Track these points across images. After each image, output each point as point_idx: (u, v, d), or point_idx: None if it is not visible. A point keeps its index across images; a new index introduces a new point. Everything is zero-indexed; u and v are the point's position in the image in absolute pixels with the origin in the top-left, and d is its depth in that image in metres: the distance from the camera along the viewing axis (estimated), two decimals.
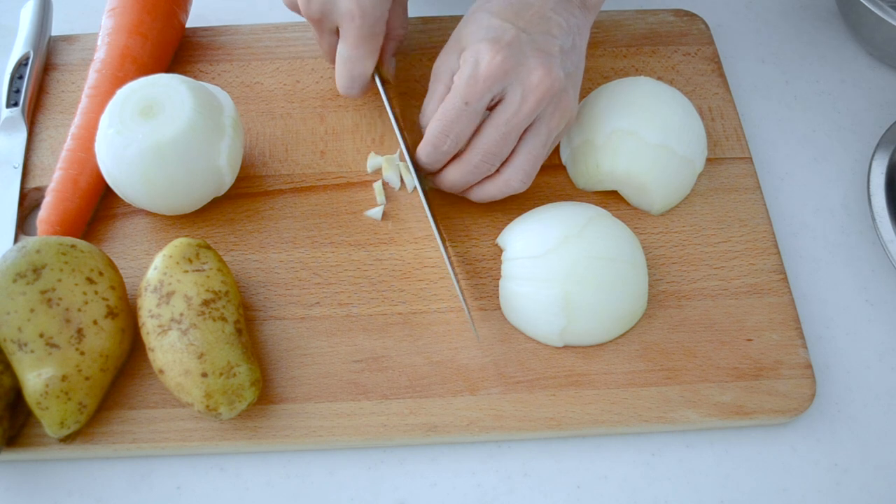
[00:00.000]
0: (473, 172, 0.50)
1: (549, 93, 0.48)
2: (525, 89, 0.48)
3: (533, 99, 0.48)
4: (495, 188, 0.52)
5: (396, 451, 0.48)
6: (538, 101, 0.48)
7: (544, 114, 0.49)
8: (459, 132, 0.49)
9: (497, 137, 0.49)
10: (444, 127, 0.49)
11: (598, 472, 0.48)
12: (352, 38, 0.51)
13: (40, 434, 0.47)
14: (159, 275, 0.47)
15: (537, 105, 0.48)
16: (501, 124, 0.49)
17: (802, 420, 0.50)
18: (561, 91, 0.49)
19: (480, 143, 0.49)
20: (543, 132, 0.50)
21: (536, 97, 0.48)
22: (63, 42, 0.62)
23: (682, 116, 0.54)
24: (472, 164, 0.50)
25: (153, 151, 0.49)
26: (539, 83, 0.48)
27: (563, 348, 0.50)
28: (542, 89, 0.48)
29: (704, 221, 0.55)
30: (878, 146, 0.57)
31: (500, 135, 0.49)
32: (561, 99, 0.49)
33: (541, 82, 0.48)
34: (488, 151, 0.49)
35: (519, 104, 0.48)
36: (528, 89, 0.48)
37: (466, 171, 0.50)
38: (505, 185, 0.51)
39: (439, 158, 0.51)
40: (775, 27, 0.67)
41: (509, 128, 0.49)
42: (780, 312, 0.52)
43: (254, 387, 0.46)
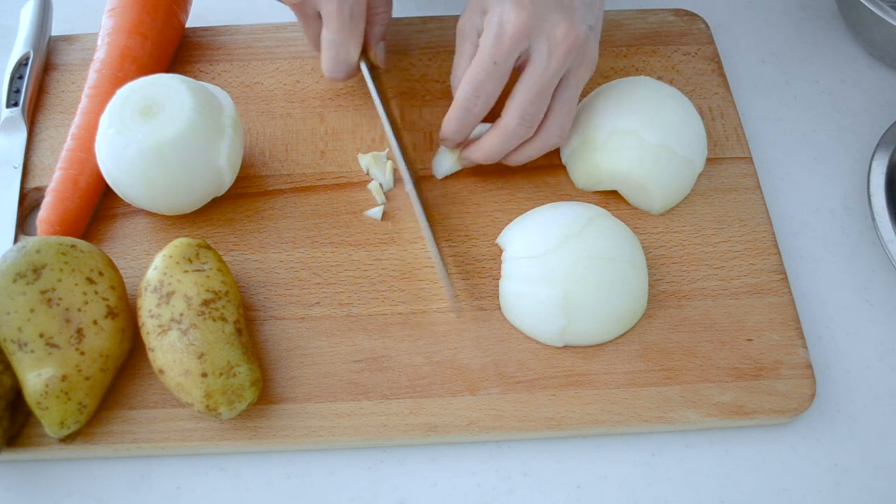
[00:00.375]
0: (512, 136, 0.50)
1: (574, 46, 0.48)
2: (551, 44, 0.48)
3: (561, 52, 0.48)
4: (534, 148, 0.52)
5: (396, 451, 0.48)
6: (566, 54, 0.48)
7: (572, 67, 0.50)
8: (490, 92, 0.49)
9: (531, 97, 0.49)
10: (474, 88, 0.49)
11: (598, 472, 0.48)
12: (333, 22, 0.52)
13: (40, 434, 0.47)
14: (159, 275, 0.47)
15: (565, 58, 0.48)
16: (534, 83, 0.49)
17: (802, 420, 0.50)
18: (584, 44, 0.49)
19: (515, 104, 0.49)
20: (573, 85, 0.50)
21: (564, 50, 0.48)
22: (63, 42, 0.62)
23: (682, 116, 0.54)
24: (510, 127, 0.50)
25: (153, 151, 0.49)
26: (565, 37, 0.48)
27: (563, 348, 0.50)
28: (569, 43, 0.48)
29: (704, 221, 0.55)
30: (878, 146, 0.57)
31: (534, 93, 0.49)
32: (585, 51, 0.50)
33: (566, 36, 0.48)
34: (525, 112, 0.49)
35: (547, 60, 0.48)
36: (555, 44, 0.48)
37: (505, 136, 0.50)
38: (543, 143, 0.52)
39: (470, 122, 0.51)
40: (775, 27, 0.67)
41: (542, 85, 0.49)
42: (780, 312, 0.52)
43: (254, 387, 0.46)
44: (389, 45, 0.62)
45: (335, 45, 0.53)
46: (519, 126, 0.50)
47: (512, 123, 0.50)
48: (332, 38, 0.53)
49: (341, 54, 0.53)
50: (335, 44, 0.53)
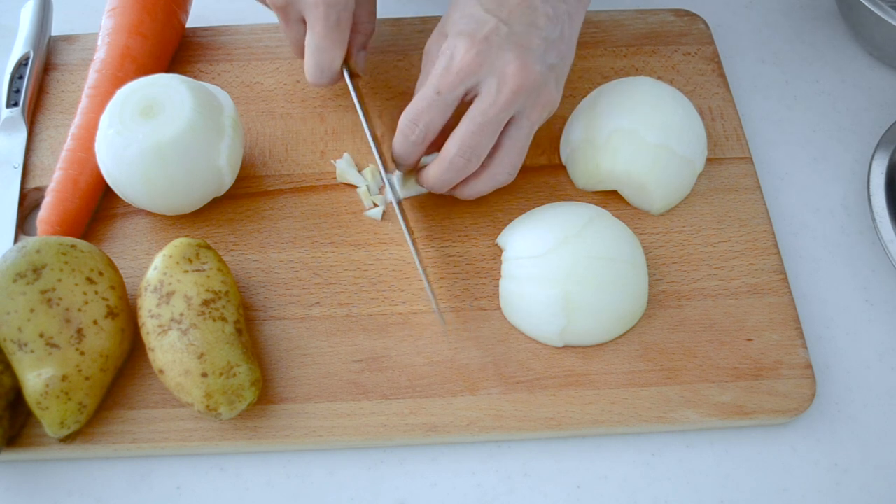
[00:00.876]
0: (450, 168, 0.49)
1: (524, 86, 0.47)
2: (500, 82, 0.47)
3: (508, 90, 0.47)
4: (481, 183, 0.51)
5: (396, 451, 0.48)
6: (514, 93, 0.47)
7: (524, 107, 0.49)
8: (429, 121, 0.49)
9: (472, 129, 0.48)
10: (413, 115, 0.49)
11: (598, 472, 0.48)
12: (319, 28, 0.51)
13: (40, 434, 0.47)
14: (159, 275, 0.47)
15: (513, 97, 0.47)
16: (477, 116, 0.48)
17: (802, 420, 0.50)
18: (540, 85, 0.48)
19: (456, 136, 0.49)
20: (525, 125, 0.50)
21: (512, 89, 0.47)
22: (63, 42, 0.62)
23: (682, 116, 0.54)
24: (449, 158, 0.49)
25: (153, 151, 0.49)
26: (514, 76, 0.47)
27: (563, 348, 0.50)
28: (517, 82, 0.47)
29: (704, 221, 0.55)
30: (878, 146, 0.57)
31: (476, 126, 0.48)
32: (541, 92, 0.49)
33: (515, 75, 0.47)
34: (464, 144, 0.48)
35: (494, 96, 0.47)
36: (503, 82, 0.47)
37: (443, 166, 0.50)
38: (491, 179, 0.51)
39: (410, 150, 0.50)
40: (775, 27, 0.67)
41: (485, 119, 0.48)
42: (780, 312, 0.52)
43: (254, 387, 0.46)
44: (389, 46, 0.62)
45: (320, 51, 0.52)
46: (457, 157, 0.49)
47: (451, 154, 0.49)
48: (318, 43, 0.52)
49: (325, 60, 0.52)
50: (320, 49, 0.52)
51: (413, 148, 0.50)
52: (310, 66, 0.53)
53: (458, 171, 0.50)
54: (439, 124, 0.49)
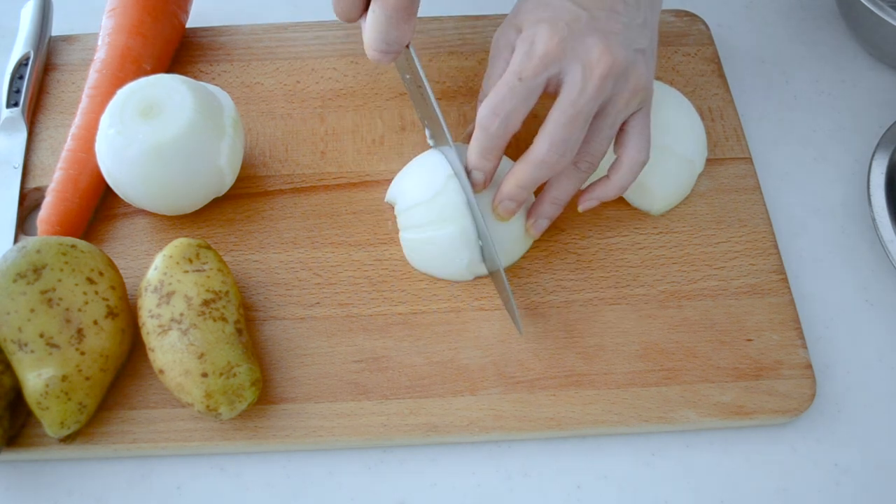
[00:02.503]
0: (542, 165, 0.46)
1: (611, 71, 0.45)
2: (585, 69, 0.45)
3: (596, 77, 0.45)
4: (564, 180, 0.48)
5: (396, 451, 0.48)
6: (602, 79, 0.45)
7: (614, 94, 0.46)
8: (510, 111, 0.45)
9: (564, 121, 0.45)
10: (494, 105, 0.45)
11: (598, 472, 0.48)
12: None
13: (40, 434, 0.47)
14: (159, 275, 0.47)
15: (601, 84, 0.45)
16: (567, 107, 0.45)
17: (802, 420, 0.50)
18: (627, 68, 0.46)
19: (545, 131, 0.46)
20: (612, 114, 0.47)
21: (599, 75, 0.45)
22: (63, 42, 0.62)
23: (682, 117, 0.54)
24: (539, 155, 0.46)
25: (153, 151, 0.49)
26: (599, 61, 0.45)
27: (563, 348, 0.50)
28: (604, 66, 0.45)
29: (704, 221, 0.55)
30: (878, 146, 0.57)
31: (567, 118, 0.45)
32: (629, 76, 0.46)
33: (601, 59, 0.45)
34: (554, 139, 0.45)
35: (581, 84, 0.45)
36: (589, 67, 0.45)
37: (534, 164, 0.46)
38: (574, 170, 0.48)
39: (489, 144, 0.46)
40: (775, 27, 0.67)
41: (576, 110, 0.45)
42: (780, 312, 0.52)
43: (254, 387, 0.46)
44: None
45: (390, 24, 0.45)
46: (549, 153, 0.46)
47: (542, 151, 0.46)
48: (389, 14, 0.45)
49: (393, 34, 0.46)
50: (390, 21, 0.45)
51: (493, 142, 0.46)
52: (375, 41, 0.46)
53: (549, 168, 0.46)
54: (522, 114, 0.46)
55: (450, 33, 0.63)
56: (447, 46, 0.63)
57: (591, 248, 0.54)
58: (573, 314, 0.51)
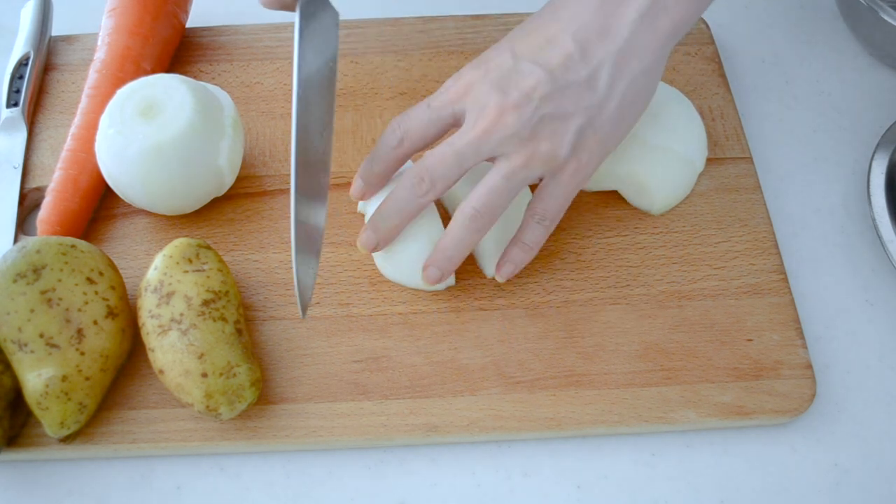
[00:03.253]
0: (407, 187, 0.47)
1: (494, 129, 0.45)
2: (477, 116, 0.46)
3: (479, 128, 0.45)
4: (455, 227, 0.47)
5: (396, 451, 0.48)
6: (484, 131, 0.45)
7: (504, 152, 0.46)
8: (409, 128, 0.48)
9: (439, 153, 0.46)
10: (398, 119, 0.48)
11: (598, 472, 0.48)
12: None
13: (40, 434, 0.47)
14: (159, 275, 0.47)
15: (483, 135, 0.45)
16: (448, 142, 0.47)
17: (802, 420, 0.50)
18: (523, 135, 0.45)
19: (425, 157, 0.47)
20: (503, 166, 0.46)
21: (483, 127, 0.45)
22: (63, 42, 0.62)
23: (683, 117, 0.54)
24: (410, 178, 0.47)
25: (153, 151, 0.49)
26: (487, 116, 0.45)
27: (563, 348, 0.50)
28: (487, 122, 0.45)
29: (704, 221, 0.55)
30: (878, 146, 0.57)
31: (441, 152, 0.46)
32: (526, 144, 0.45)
33: (488, 115, 0.45)
34: (424, 164, 0.47)
35: (468, 130, 0.46)
36: (480, 116, 0.46)
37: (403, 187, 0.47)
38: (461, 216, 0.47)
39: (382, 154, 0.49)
40: (775, 27, 0.67)
41: (453, 148, 0.46)
42: (780, 312, 0.52)
43: (254, 387, 0.46)
44: (389, 46, 0.62)
45: None
46: (415, 176, 0.47)
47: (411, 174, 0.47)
48: None
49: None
50: None
51: (386, 152, 0.49)
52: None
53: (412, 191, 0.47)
54: (418, 136, 0.48)
55: (450, 33, 0.63)
56: (447, 46, 0.63)
57: (591, 248, 0.54)
58: (573, 314, 0.51)
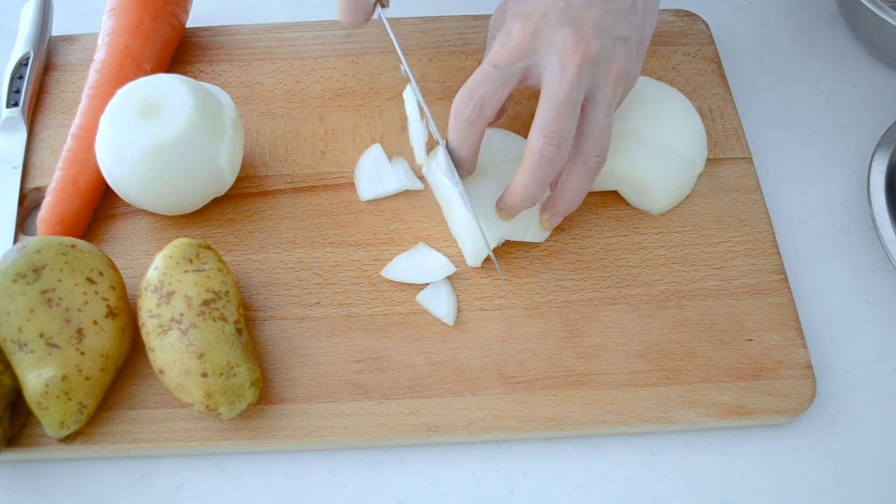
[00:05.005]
0: (541, 161, 0.46)
1: (587, 58, 0.45)
2: (562, 57, 0.45)
3: (572, 66, 0.45)
4: (577, 176, 0.48)
5: (396, 451, 0.48)
6: (578, 66, 0.45)
7: (596, 83, 0.47)
8: (484, 95, 0.46)
9: (551, 114, 0.45)
10: (468, 90, 0.46)
11: (598, 472, 0.48)
12: None
13: (40, 434, 0.47)
14: (159, 275, 0.47)
15: (579, 71, 0.45)
16: (550, 98, 0.45)
17: (802, 420, 0.50)
18: (604, 56, 0.46)
19: (536, 125, 0.46)
20: (602, 103, 0.47)
21: (576, 63, 0.45)
22: (63, 42, 0.62)
23: (682, 116, 0.54)
24: (536, 150, 0.46)
25: (153, 151, 0.49)
26: (574, 50, 0.45)
27: (563, 348, 0.50)
28: (580, 55, 0.45)
29: (704, 221, 0.55)
30: (878, 146, 0.57)
31: (553, 109, 0.45)
32: (609, 64, 0.46)
33: (576, 49, 0.45)
34: (548, 130, 0.45)
35: (560, 73, 0.45)
36: (565, 57, 0.45)
37: (533, 162, 0.46)
38: (584, 168, 0.48)
39: (465, 130, 0.47)
40: (775, 27, 0.67)
41: (559, 100, 0.45)
42: (780, 312, 0.52)
43: (254, 387, 0.46)
44: (389, 46, 0.62)
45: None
46: (545, 146, 0.46)
47: (537, 146, 0.46)
48: None
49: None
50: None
51: (468, 127, 0.47)
52: (343, 5, 0.49)
53: (549, 162, 0.46)
54: (496, 100, 0.47)
55: (450, 33, 0.63)
56: (447, 46, 0.63)
57: (591, 248, 0.54)
58: (573, 314, 0.51)
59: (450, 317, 0.51)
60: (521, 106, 0.59)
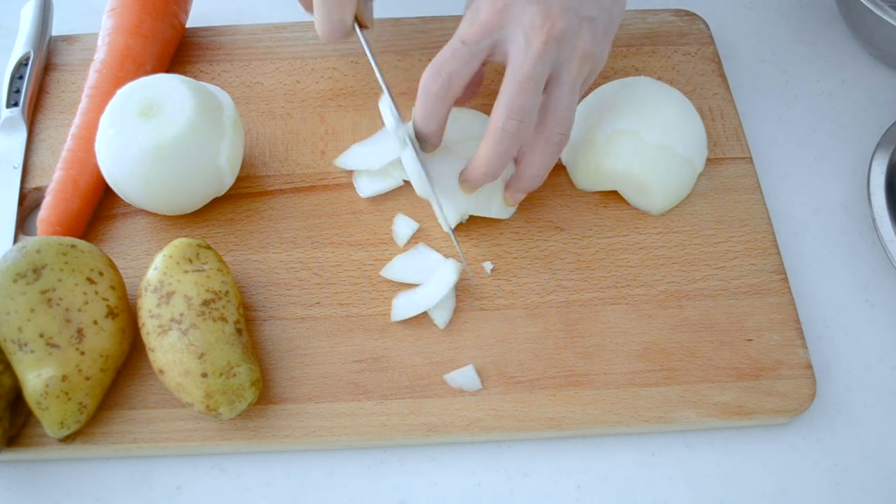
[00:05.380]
0: (504, 135, 0.47)
1: (551, 35, 0.46)
2: (527, 34, 0.46)
3: (537, 42, 0.46)
4: (539, 153, 0.49)
5: (396, 451, 0.48)
6: (543, 43, 0.46)
7: (560, 61, 0.47)
8: (452, 70, 0.47)
9: (515, 88, 0.46)
10: (436, 65, 0.47)
11: (598, 472, 0.48)
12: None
13: (40, 434, 0.47)
14: (159, 275, 0.47)
15: (543, 47, 0.46)
16: (516, 72, 0.46)
17: (802, 420, 0.50)
18: (569, 34, 0.47)
19: (500, 100, 0.47)
20: (566, 81, 0.48)
21: (541, 40, 0.46)
22: (63, 42, 0.62)
23: (682, 116, 0.54)
24: (499, 124, 0.47)
25: (153, 151, 0.49)
26: (541, 26, 0.46)
27: (563, 348, 0.50)
28: (545, 32, 0.46)
29: (704, 221, 0.55)
30: (878, 146, 0.57)
31: (517, 84, 0.46)
32: (575, 42, 0.47)
33: (542, 25, 0.46)
34: (511, 105, 0.46)
35: (525, 49, 0.46)
36: (530, 33, 0.46)
37: (496, 136, 0.47)
38: (548, 146, 0.49)
39: (433, 106, 0.48)
40: (775, 27, 0.67)
41: (523, 74, 0.46)
42: (780, 312, 0.52)
43: (254, 387, 0.46)
44: (389, 46, 0.62)
45: (328, 5, 0.49)
46: (508, 121, 0.46)
47: (500, 119, 0.46)
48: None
49: (335, 13, 0.50)
50: (328, 3, 0.49)
51: (435, 102, 0.48)
52: (321, 22, 0.50)
53: (511, 137, 0.47)
54: (464, 75, 0.47)
55: (450, 33, 0.62)
56: None
57: (591, 248, 0.54)
58: (573, 314, 0.51)
59: (442, 320, 0.51)
60: None
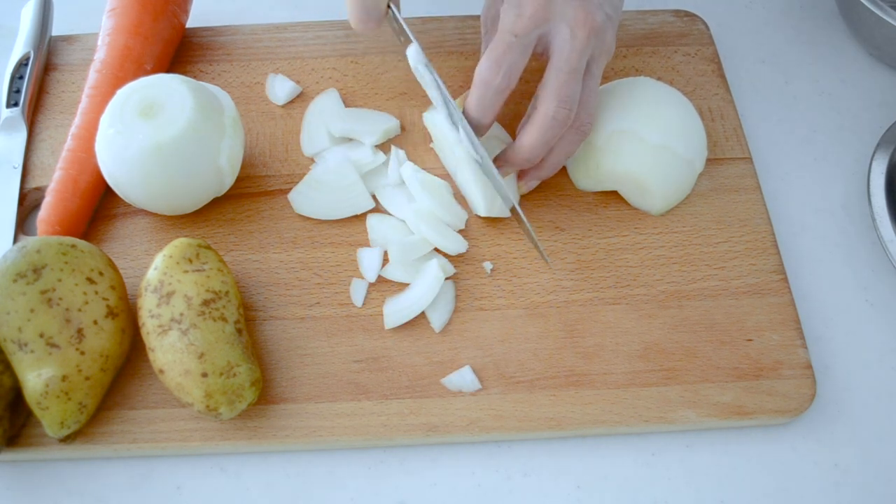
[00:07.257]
0: (553, 122, 0.49)
1: (593, 30, 0.48)
2: (572, 27, 0.48)
3: (583, 35, 0.48)
4: (570, 141, 0.51)
5: (396, 451, 0.48)
6: (588, 37, 0.48)
7: (594, 53, 0.50)
8: (511, 64, 0.48)
9: (564, 78, 0.48)
10: (494, 60, 0.48)
11: (598, 472, 0.48)
12: None
13: (40, 434, 0.47)
14: (159, 275, 0.47)
15: (588, 41, 0.48)
16: (563, 65, 0.48)
17: (802, 420, 0.50)
18: (604, 31, 0.49)
19: (550, 89, 0.49)
20: (595, 74, 0.50)
21: (585, 33, 0.48)
22: (63, 42, 0.62)
23: (682, 116, 0.54)
24: (550, 112, 0.49)
25: (153, 151, 0.49)
26: (584, 21, 0.48)
27: (563, 348, 0.50)
28: (588, 26, 0.48)
29: (704, 221, 0.55)
30: (878, 146, 0.57)
31: (566, 74, 0.48)
32: (604, 37, 0.50)
33: (585, 21, 0.48)
34: (562, 94, 0.48)
35: (571, 41, 0.48)
36: (575, 27, 0.48)
37: (545, 124, 0.49)
38: (578, 133, 0.51)
39: (491, 98, 0.49)
40: (775, 27, 0.67)
41: (570, 66, 0.48)
42: (780, 312, 0.52)
43: (254, 387, 0.46)
44: (388, 46, 0.62)
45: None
46: (559, 109, 0.48)
47: (550, 108, 0.48)
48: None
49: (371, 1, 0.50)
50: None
51: (496, 95, 0.49)
52: (356, 10, 0.50)
53: (560, 124, 0.49)
54: (520, 69, 0.49)
55: (450, 33, 0.63)
56: (447, 46, 0.63)
57: (591, 248, 0.54)
58: (573, 314, 0.52)
59: (438, 322, 0.51)
60: None
